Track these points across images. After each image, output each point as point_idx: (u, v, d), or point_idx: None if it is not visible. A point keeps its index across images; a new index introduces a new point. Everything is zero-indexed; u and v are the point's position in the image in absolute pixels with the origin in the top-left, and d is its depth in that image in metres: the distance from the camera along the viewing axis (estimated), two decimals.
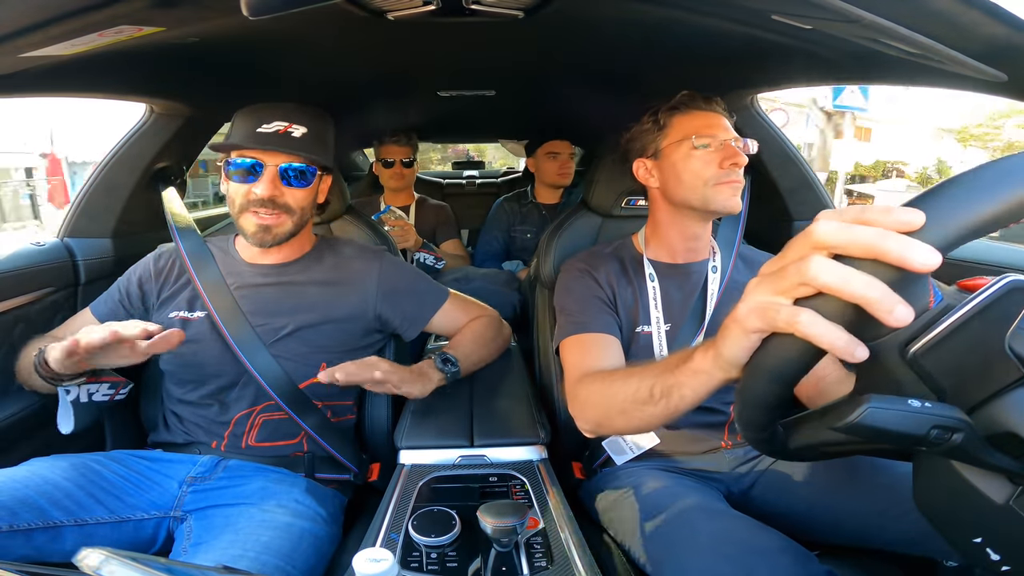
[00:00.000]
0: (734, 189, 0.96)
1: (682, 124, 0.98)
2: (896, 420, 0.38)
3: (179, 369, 1.01)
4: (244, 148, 0.96)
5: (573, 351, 0.96)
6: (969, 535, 0.45)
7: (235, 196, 0.98)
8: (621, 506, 0.91)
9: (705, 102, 0.99)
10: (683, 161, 0.96)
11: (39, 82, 0.89)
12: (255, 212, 0.97)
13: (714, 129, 0.96)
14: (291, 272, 1.06)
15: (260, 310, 1.02)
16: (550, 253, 1.24)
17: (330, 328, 1.04)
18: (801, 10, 0.67)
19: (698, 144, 0.95)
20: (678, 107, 0.99)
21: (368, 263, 1.10)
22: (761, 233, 1.37)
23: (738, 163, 0.94)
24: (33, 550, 0.78)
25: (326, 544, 0.88)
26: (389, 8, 0.79)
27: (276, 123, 0.96)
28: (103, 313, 1.03)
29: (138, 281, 1.05)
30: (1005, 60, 0.65)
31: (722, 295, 1.03)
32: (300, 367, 1.01)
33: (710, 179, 0.95)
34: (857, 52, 0.81)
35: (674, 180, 0.98)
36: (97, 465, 0.89)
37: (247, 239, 1.00)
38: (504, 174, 3.69)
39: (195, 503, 0.90)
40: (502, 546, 0.64)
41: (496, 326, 1.18)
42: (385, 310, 1.08)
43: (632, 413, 0.69)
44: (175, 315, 1.02)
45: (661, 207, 1.05)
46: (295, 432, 1.02)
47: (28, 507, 0.77)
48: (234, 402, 1.00)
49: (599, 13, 0.90)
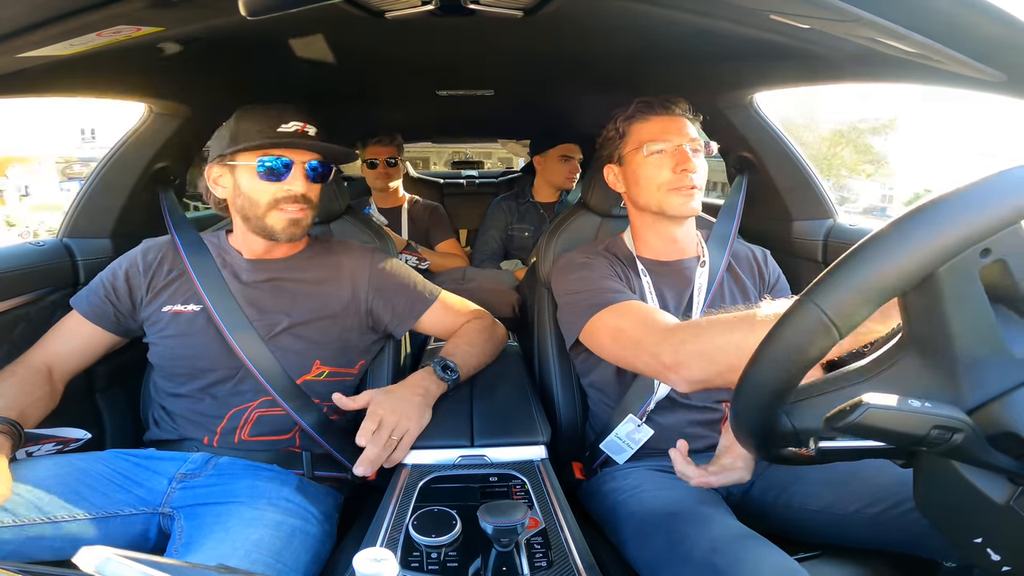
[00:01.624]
0: (687, 195, 0.98)
1: (639, 131, 1.01)
2: (896, 420, 0.38)
3: (170, 363, 1.02)
4: (274, 148, 0.97)
5: (625, 316, 0.89)
6: (969, 535, 0.45)
7: (261, 194, 0.99)
8: (620, 507, 0.91)
9: (663, 107, 1.01)
10: (640, 167, 1.00)
11: (38, 82, 0.89)
12: (283, 208, 0.99)
13: (668, 134, 0.99)
14: (287, 269, 1.07)
15: (256, 305, 1.03)
16: (549, 253, 1.24)
17: (325, 324, 1.05)
18: (799, 9, 0.67)
19: (651, 150, 0.98)
20: (635, 115, 1.02)
21: (360, 259, 1.11)
22: (761, 232, 1.37)
23: (688, 168, 0.96)
24: (19, 547, 0.77)
25: (319, 542, 0.87)
26: (388, 8, 0.79)
27: (293, 123, 0.98)
28: (88, 311, 1.02)
29: (125, 275, 1.04)
30: (1005, 60, 0.65)
31: (715, 290, 1.03)
32: (296, 363, 1.02)
33: (663, 184, 0.98)
34: (856, 52, 0.81)
35: (635, 186, 1.02)
36: (83, 463, 0.89)
37: (276, 236, 1.01)
38: (503, 174, 3.69)
39: (184, 500, 0.90)
40: (502, 546, 0.63)
41: (490, 329, 1.18)
42: (376, 305, 1.09)
43: (744, 351, 0.61)
44: (168, 309, 1.02)
45: (632, 211, 1.09)
46: (289, 427, 1.02)
47: (13, 504, 0.77)
48: (229, 397, 1.00)
49: (598, 13, 0.90)
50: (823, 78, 1.08)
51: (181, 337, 1.01)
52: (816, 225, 1.37)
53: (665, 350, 0.78)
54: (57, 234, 1.24)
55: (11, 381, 0.92)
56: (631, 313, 0.89)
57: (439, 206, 2.29)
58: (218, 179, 1.03)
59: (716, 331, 0.72)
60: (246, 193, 1.00)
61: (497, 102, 1.77)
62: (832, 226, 1.35)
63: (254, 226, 1.02)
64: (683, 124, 1.00)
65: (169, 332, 1.01)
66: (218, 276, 1.03)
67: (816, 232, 1.36)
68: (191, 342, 1.00)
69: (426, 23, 0.88)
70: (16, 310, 1.05)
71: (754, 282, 1.09)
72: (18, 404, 0.88)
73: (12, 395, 0.89)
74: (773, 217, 1.43)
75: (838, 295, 0.40)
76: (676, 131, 0.99)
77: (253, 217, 1.01)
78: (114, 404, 1.19)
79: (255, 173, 0.98)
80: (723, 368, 0.71)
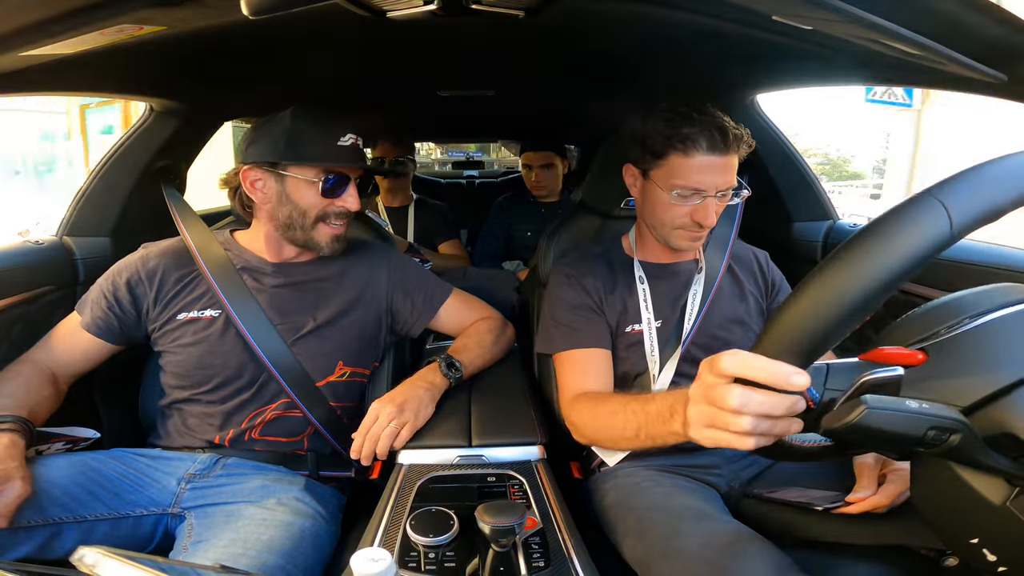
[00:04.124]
0: (695, 239, 0.98)
1: (675, 164, 0.90)
2: (894, 421, 0.38)
3: (188, 370, 0.99)
4: (338, 165, 0.97)
5: (566, 368, 0.99)
6: (966, 536, 0.45)
7: (313, 208, 0.98)
8: (617, 507, 0.91)
9: (713, 148, 0.88)
10: (659, 200, 0.96)
11: (40, 80, 0.89)
12: (330, 223, 0.99)
13: (704, 181, 0.90)
14: (307, 270, 1.06)
15: (280, 309, 1.01)
16: (549, 254, 1.24)
17: (348, 323, 1.05)
18: (802, 11, 0.67)
19: (679, 193, 0.92)
20: (679, 144, 0.89)
21: (378, 258, 1.12)
22: (761, 233, 1.37)
23: (705, 224, 0.93)
24: (34, 548, 0.78)
25: (326, 542, 0.88)
26: (389, 8, 0.79)
27: (349, 135, 0.98)
28: (91, 324, 0.98)
29: (127, 286, 0.99)
30: (1005, 61, 0.65)
31: (713, 295, 1.03)
32: (322, 365, 1.01)
33: (676, 225, 0.96)
34: (858, 52, 0.81)
35: (648, 208, 1.00)
36: (95, 463, 0.89)
37: (320, 249, 1.02)
38: (504, 174, 3.69)
39: (194, 500, 0.90)
40: (500, 546, 0.63)
41: (500, 328, 1.18)
42: (396, 302, 1.10)
43: (621, 444, 0.79)
44: (183, 316, 0.99)
45: (640, 217, 1.07)
46: (301, 429, 1.02)
47: (28, 505, 0.77)
48: (249, 400, 0.99)
49: (600, 14, 0.90)
50: (824, 79, 1.08)
51: (200, 344, 0.98)
52: (815, 226, 1.37)
53: (569, 412, 0.95)
54: (56, 233, 1.24)
55: (17, 380, 0.91)
56: (572, 367, 0.99)
57: (445, 206, 2.30)
58: (256, 182, 0.98)
59: (607, 413, 0.84)
60: (295, 204, 0.97)
61: (498, 103, 1.77)
62: (831, 227, 1.35)
63: (295, 236, 1.00)
64: (727, 166, 0.90)
65: (187, 340, 0.99)
66: (238, 280, 1.01)
67: (815, 233, 1.36)
68: (211, 349, 0.98)
69: (427, 23, 0.88)
70: (15, 309, 1.05)
71: (755, 285, 1.09)
72: (27, 403, 0.87)
73: (20, 394, 0.88)
74: (773, 218, 1.43)
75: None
76: (713, 177, 0.89)
77: (298, 228, 0.99)
78: (113, 404, 1.19)
79: (315, 187, 0.96)
80: (604, 442, 0.90)
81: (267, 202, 0.99)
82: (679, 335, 1.01)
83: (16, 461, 0.76)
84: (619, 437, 0.77)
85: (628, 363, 1.01)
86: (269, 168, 0.97)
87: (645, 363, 1.00)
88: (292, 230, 1.00)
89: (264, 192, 0.99)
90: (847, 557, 0.80)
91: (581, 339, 0.99)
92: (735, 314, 1.04)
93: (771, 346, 0.46)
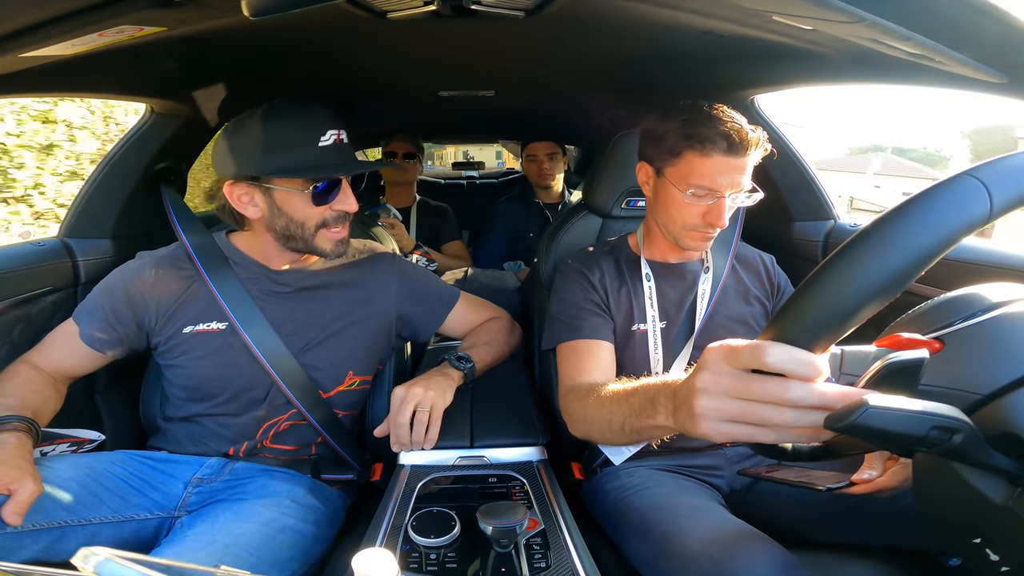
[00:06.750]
0: (706, 240, 0.97)
1: (691, 162, 0.90)
2: (895, 421, 0.38)
3: (203, 384, 0.96)
4: (321, 174, 0.89)
5: (565, 358, 0.98)
6: (968, 535, 0.45)
7: (310, 218, 0.91)
8: (620, 507, 0.91)
9: (731, 149, 0.88)
10: (673, 198, 0.95)
11: (40, 82, 0.88)
12: (331, 228, 0.94)
13: (719, 180, 0.90)
14: (312, 278, 1.02)
15: (288, 320, 0.98)
16: (550, 254, 1.24)
17: (357, 333, 1.03)
18: (802, 11, 0.67)
19: (693, 192, 0.91)
20: (697, 143, 0.89)
21: (385, 265, 1.10)
22: (761, 233, 1.37)
23: (718, 224, 0.92)
24: (38, 551, 0.77)
25: (306, 542, 0.86)
26: (390, 8, 0.79)
27: (330, 132, 0.89)
28: (90, 336, 0.95)
29: (126, 298, 0.95)
30: (1005, 61, 0.65)
31: (718, 295, 1.03)
32: (332, 376, 1.00)
33: (687, 225, 0.95)
34: (858, 53, 0.81)
35: (660, 206, 0.99)
36: (100, 465, 0.88)
37: (325, 255, 0.96)
38: (504, 174, 3.69)
39: (199, 503, 0.90)
40: (502, 547, 0.63)
41: (508, 326, 1.19)
42: (406, 310, 1.09)
43: (609, 438, 0.75)
44: (191, 330, 0.95)
45: (650, 216, 1.06)
46: (311, 439, 1.02)
47: (33, 508, 0.77)
48: (263, 413, 0.98)
49: (600, 14, 0.90)
50: (824, 79, 1.08)
51: (210, 358, 0.95)
52: (816, 226, 1.37)
53: (565, 403, 0.90)
54: (57, 234, 1.24)
55: (18, 381, 0.89)
56: (572, 357, 0.97)
57: (448, 208, 2.31)
58: (242, 197, 0.91)
59: (595, 404, 0.78)
60: (290, 216, 0.91)
61: (498, 103, 1.77)
62: (832, 227, 1.35)
63: (296, 246, 0.95)
64: (742, 167, 0.90)
65: (198, 353, 0.95)
66: (241, 291, 0.96)
67: (816, 233, 1.36)
68: (222, 362, 0.95)
69: (428, 24, 0.88)
70: (16, 310, 1.05)
71: (760, 287, 1.09)
72: (31, 404, 0.85)
73: (23, 394, 0.86)
74: (774, 217, 1.43)
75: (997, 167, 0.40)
76: (729, 178, 0.89)
77: (299, 239, 0.94)
78: (114, 405, 1.19)
79: (305, 198, 0.89)
80: (595, 435, 0.81)
81: (260, 215, 0.93)
82: (686, 335, 1.01)
83: (26, 460, 0.75)
84: (606, 430, 0.74)
85: (633, 363, 1.01)
86: (252, 182, 0.90)
87: (649, 363, 1.00)
88: (292, 240, 0.94)
89: (255, 206, 0.92)
90: (849, 556, 0.80)
91: (584, 332, 0.98)
92: (739, 314, 1.04)
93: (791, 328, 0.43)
